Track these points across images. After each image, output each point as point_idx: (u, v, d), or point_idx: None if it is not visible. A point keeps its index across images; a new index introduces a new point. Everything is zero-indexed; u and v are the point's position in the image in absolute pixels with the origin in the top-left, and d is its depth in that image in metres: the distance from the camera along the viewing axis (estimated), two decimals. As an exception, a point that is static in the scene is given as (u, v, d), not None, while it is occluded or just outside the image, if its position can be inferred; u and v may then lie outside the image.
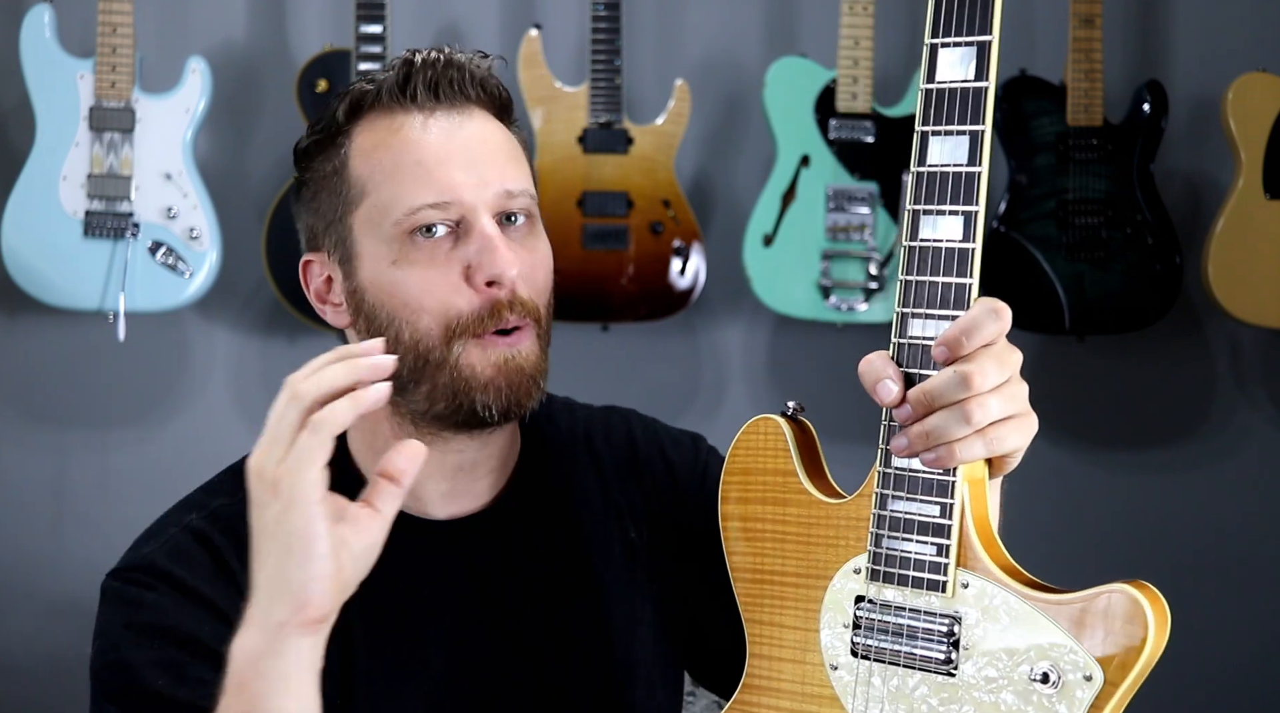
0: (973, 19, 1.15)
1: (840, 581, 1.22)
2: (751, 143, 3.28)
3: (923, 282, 1.16)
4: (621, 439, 1.51)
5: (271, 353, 3.29)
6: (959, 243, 1.14)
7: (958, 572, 1.16)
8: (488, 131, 1.35)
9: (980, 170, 1.14)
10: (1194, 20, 3.34)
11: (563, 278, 3.27)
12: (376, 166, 1.32)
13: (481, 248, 1.30)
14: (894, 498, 1.18)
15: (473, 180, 1.31)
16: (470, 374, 1.30)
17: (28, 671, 3.25)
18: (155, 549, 1.34)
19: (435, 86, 1.33)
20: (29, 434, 3.30)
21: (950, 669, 1.16)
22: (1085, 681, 1.11)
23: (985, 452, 1.14)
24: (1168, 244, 3.12)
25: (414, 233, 1.30)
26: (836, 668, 1.22)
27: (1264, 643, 3.37)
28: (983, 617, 1.15)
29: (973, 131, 1.14)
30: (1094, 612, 1.11)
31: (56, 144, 2.99)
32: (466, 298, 1.30)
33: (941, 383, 1.13)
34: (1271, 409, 3.40)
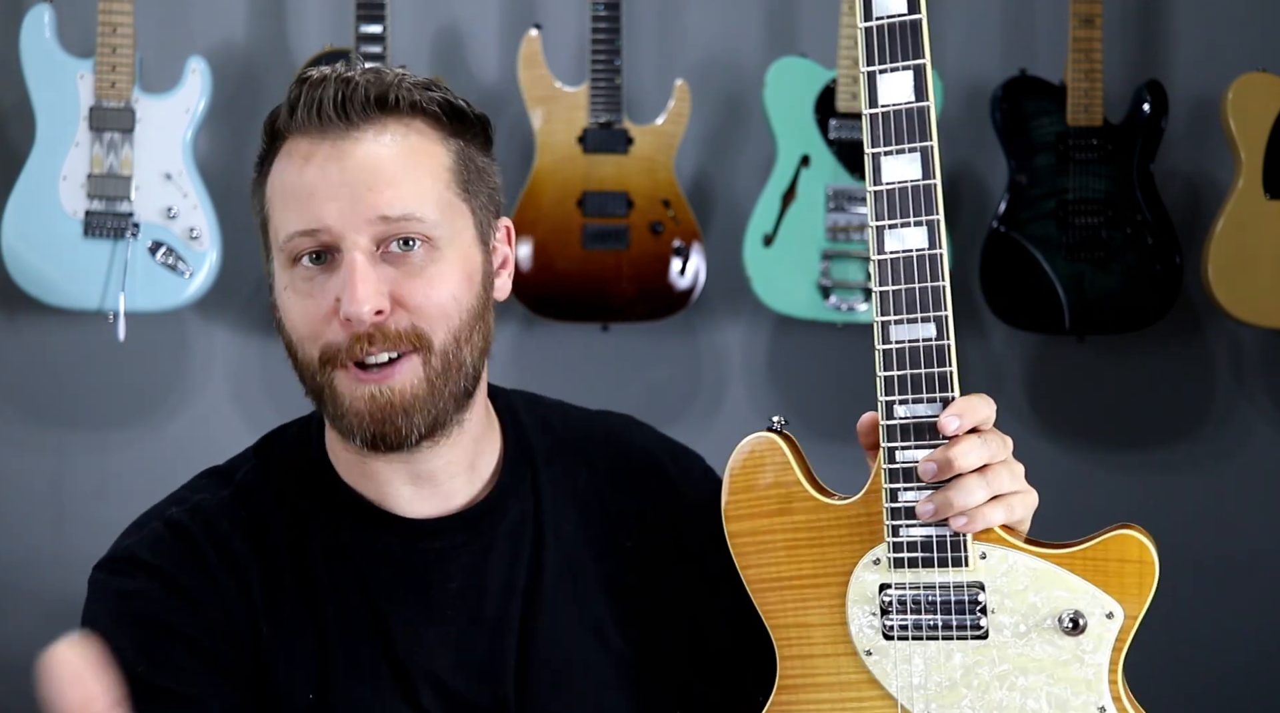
0: (905, 46, 1.23)
1: (861, 573, 1.29)
2: (751, 143, 3.28)
3: (898, 290, 1.25)
4: (618, 445, 1.50)
5: (271, 353, 3.29)
6: (926, 250, 1.25)
7: (974, 545, 1.25)
8: (380, 155, 1.30)
9: (934, 182, 1.25)
10: (1194, 20, 3.34)
11: (563, 278, 3.29)
12: (274, 192, 1.34)
13: (341, 282, 1.29)
14: (904, 490, 1.26)
15: (343, 208, 1.29)
16: (342, 403, 1.31)
17: (28, 671, 3.24)
18: (136, 541, 1.37)
19: (317, 109, 1.30)
20: (29, 434, 3.30)
21: (981, 633, 1.25)
22: (1108, 618, 1.23)
23: (1005, 516, 1.26)
24: (1168, 244, 3.12)
25: (295, 261, 1.31)
26: (871, 654, 1.28)
27: (1264, 643, 3.37)
28: (1004, 580, 1.25)
29: (923, 147, 1.25)
30: (1106, 556, 1.23)
31: (56, 144, 2.99)
32: (334, 330, 1.30)
33: (959, 450, 1.24)
34: (1271, 409, 3.40)
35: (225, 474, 1.43)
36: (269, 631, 1.35)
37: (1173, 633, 3.38)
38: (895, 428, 1.26)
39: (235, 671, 1.33)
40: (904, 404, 1.26)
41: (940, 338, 1.24)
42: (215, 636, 1.33)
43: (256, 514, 1.38)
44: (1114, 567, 1.23)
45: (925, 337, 1.25)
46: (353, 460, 1.39)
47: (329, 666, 1.35)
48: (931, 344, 1.25)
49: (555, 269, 3.11)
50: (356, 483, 1.39)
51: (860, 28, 1.23)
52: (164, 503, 1.41)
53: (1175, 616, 3.43)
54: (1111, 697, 1.23)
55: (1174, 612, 3.46)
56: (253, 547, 1.36)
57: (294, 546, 1.37)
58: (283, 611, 1.35)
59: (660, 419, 1.62)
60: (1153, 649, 3.60)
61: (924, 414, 1.25)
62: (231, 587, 1.34)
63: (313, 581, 1.36)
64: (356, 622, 1.36)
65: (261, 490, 1.40)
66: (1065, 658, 1.23)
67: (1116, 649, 1.23)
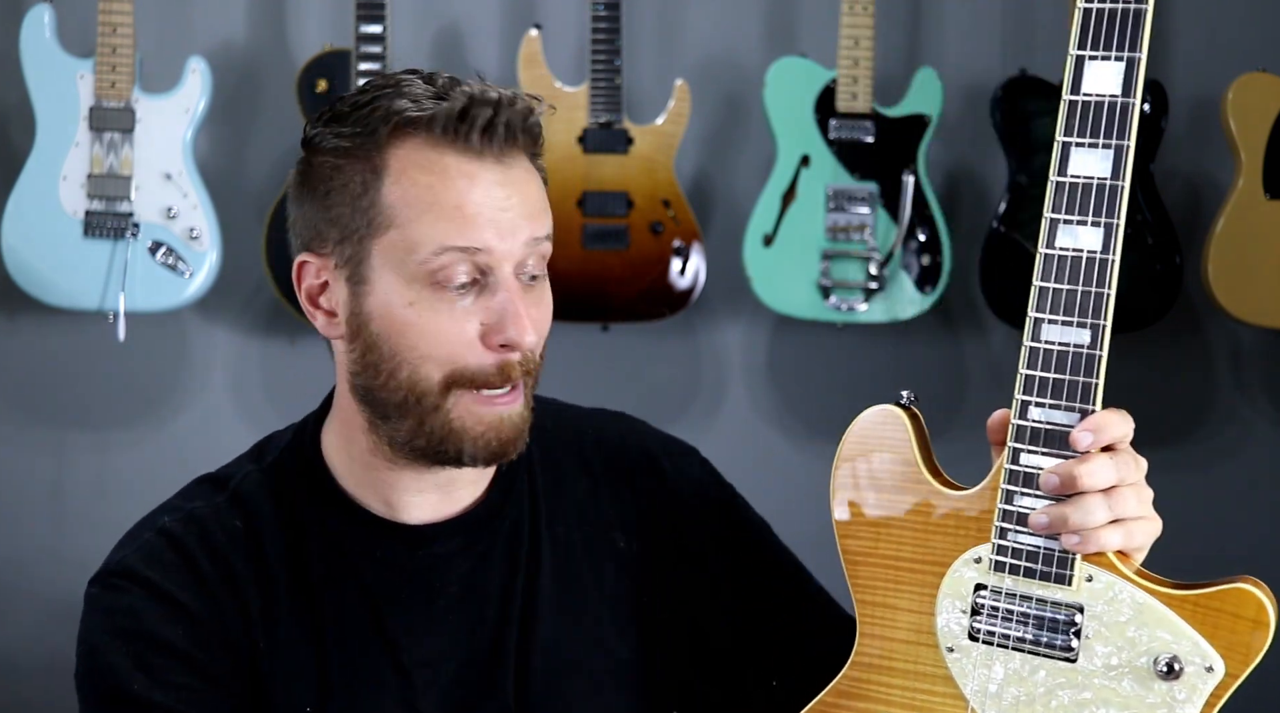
0: (1124, 36, 1.18)
1: (960, 568, 1.25)
2: (751, 143, 3.28)
3: (1059, 289, 1.22)
4: (612, 444, 1.49)
5: (271, 353, 3.29)
6: (1098, 253, 1.23)
7: (1082, 566, 1.20)
8: (527, 182, 1.32)
9: (1122, 184, 1.19)
10: (1194, 20, 3.34)
11: (563, 278, 3.31)
12: (413, 200, 1.28)
13: (504, 310, 1.28)
14: (1021, 494, 1.21)
15: (505, 232, 1.29)
16: (462, 426, 1.30)
17: (27, 671, 3.25)
18: (130, 554, 1.35)
19: (490, 131, 1.29)
20: (29, 434, 3.30)
21: (1071, 657, 1.20)
22: (1207, 672, 1.18)
23: (1122, 542, 1.21)
24: (1168, 244, 3.12)
25: (437, 280, 1.28)
26: (953, 651, 1.25)
27: (1264, 643, 3.36)
28: (1106, 608, 1.19)
29: (1118, 145, 1.18)
30: (1218, 608, 1.18)
31: (56, 144, 2.99)
32: (477, 355, 1.29)
33: (1088, 469, 1.19)
34: (1271, 409, 3.40)
35: (220, 481, 1.41)
36: (266, 640, 1.34)
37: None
38: (1026, 430, 1.22)
39: (231, 684, 1.32)
40: (1040, 407, 1.21)
41: (1093, 347, 1.22)
42: (211, 649, 1.32)
43: (252, 522, 1.37)
44: (1226, 620, 1.18)
45: (1078, 342, 1.22)
46: (362, 468, 1.37)
47: (328, 673, 1.34)
48: (1083, 351, 1.22)
49: (555, 269, 3.06)
50: (356, 489, 1.38)
51: (1079, 6, 1.18)
52: (158, 511, 1.39)
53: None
54: None
55: (1174, 612, 3.46)
56: (248, 556, 1.35)
57: (291, 552, 1.36)
58: (280, 619, 1.34)
59: (660, 419, 1.61)
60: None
61: (1059, 421, 1.20)
62: (227, 598, 1.33)
63: (311, 587, 1.36)
64: (356, 627, 1.35)
65: (257, 497, 1.38)
66: (1153, 702, 1.18)
67: (1209, 706, 1.18)
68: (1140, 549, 1.24)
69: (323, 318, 1.35)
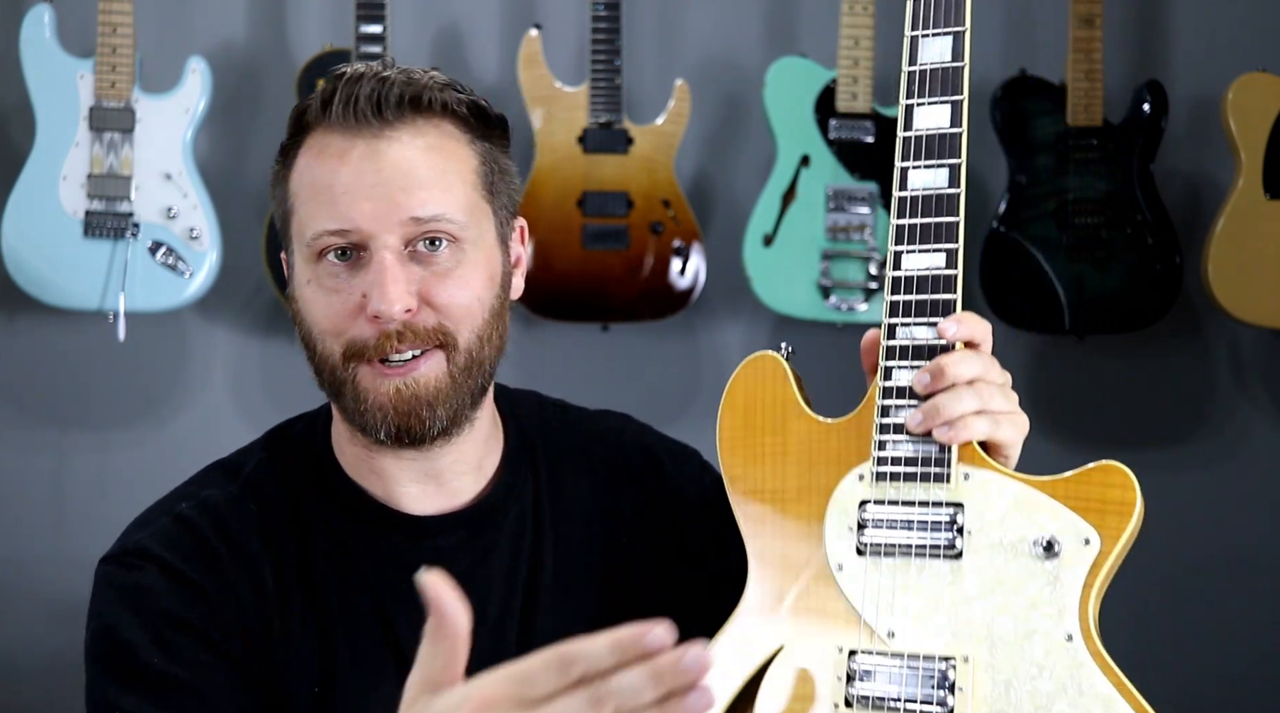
0: (949, 13, 1.30)
1: (843, 489, 1.29)
2: (751, 143, 3.28)
3: (914, 224, 1.30)
4: (615, 443, 1.51)
5: (271, 353, 3.29)
6: (946, 189, 1.29)
7: (959, 466, 1.25)
8: (411, 157, 1.32)
9: (960, 132, 1.29)
10: (1194, 20, 3.34)
11: (563, 278, 3.30)
12: (301, 186, 1.35)
13: (372, 282, 1.30)
14: (896, 408, 1.28)
15: (376, 209, 1.30)
16: (365, 397, 1.33)
17: (28, 671, 3.25)
18: (146, 535, 1.37)
19: (354, 106, 1.32)
20: (29, 434, 3.30)
21: (955, 553, 1.24)
22: (1084, 544, 1.21)
23: (990, 430, 1.26)
24: (1168, 244, 3.12)
25: (321, 256, 1.32)
26: (842, 569, 1.27)
27: (1264, 643, 3.37)
28: (985, 502, 1.24)
29: (954, 101, 1.30)
30: (1087, 486, 1.22)
31: (56, 144, 2.99)
32: (360, 327, 1.32)
33: (952, 360, 1.27)
34: (1271, 409, 3.40)
35: (233, 469, 1.44)
36: (276, 625, 1.36)
37: (1173, 632, 3.38)
38: (895, 349, 1.29)
39: (244, 665, 1.34)
40: (905, 327, 1.29)
41: (949, 267, 1.28)
42: (225, 630, 1.34)
43: (264, 510, 1.40)
44: (1096, 494, 1.21)
45: (934, 265, 1.29)
46: (360, 457, 1.40)
47: (333, 659, 1.37)
48: (940, 273, 1.29)
49: (555, 269, 3.11)
50: (362, 480, 1.41)
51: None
52: (171, 497, 1.42)
53: (1175, 615, 3.43)
54: (1080, 628, 1.19)
55: (1174, 611, 3.46)
56: (261, 543, 1.38)
57: (300, 541, 1.39)
58: (288, 605, 1.37)
59: (660, 419, 1.62)
60: (1153, 648, 3.62)
61: (923, 337, 1.28)
62: (241, 582, 1.36)
63: (318, 576, 1.38)
64: (360, 616, 1.38)
65: (269, 486, 1.41)
66: (1038, 583, 1.21)
67: (1090, 578, 1.20)
68: (1010, 447, 1.28)
69: (291, 310, 1.41)
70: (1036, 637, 1.19)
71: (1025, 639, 1.19)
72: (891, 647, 1.22)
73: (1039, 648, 1.19)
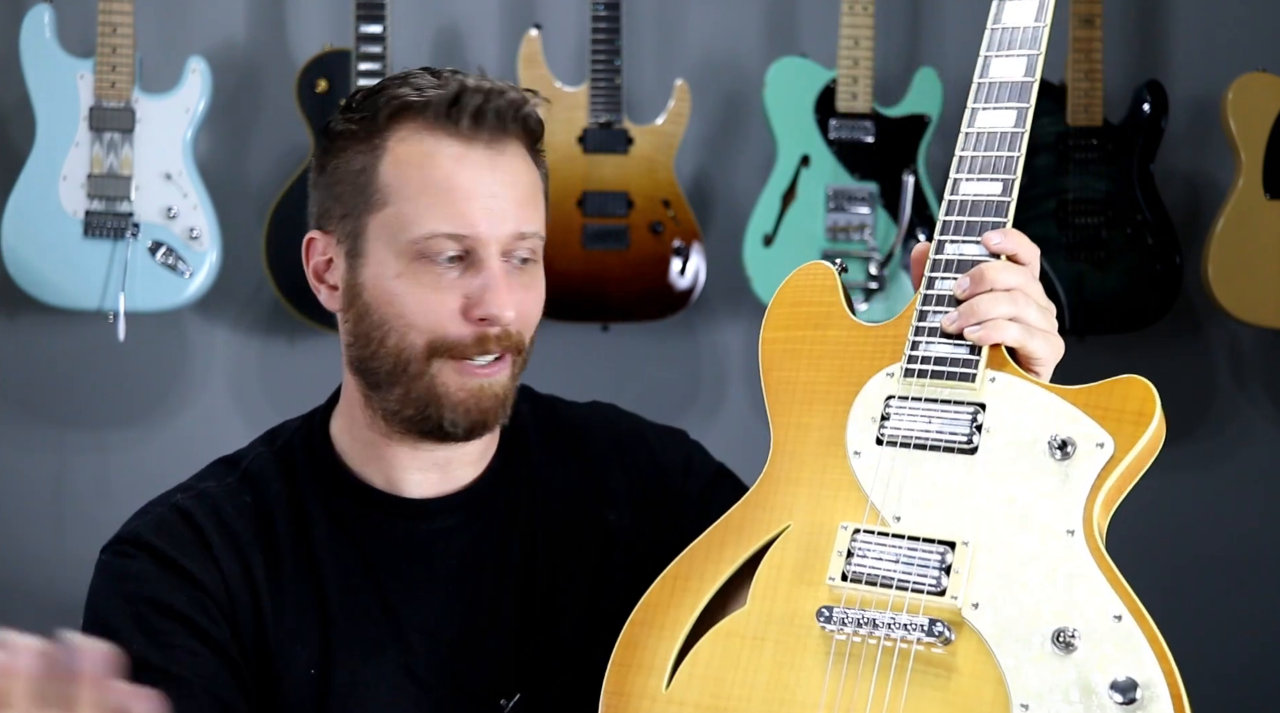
0: None
1: (873, 383, 1.31)
2: (751, 143, 3.28)
3: (976, 156, 1.34)
4: (602, 429, 1.56)
5: (271, 353, 3.29)
6: (1011, 128, 1.34)
7: (987, 370, 1.27)
8: (518, 170, 1.39)
9: (1033, 81, 1.37)
10: (1194, 20, 3.34)
11: (563, 278, 3.29)
12: (406, 181, 1.37)
13: (485, 286, 1.36)
14: (934, 313, 1.30)
15: (492, 218, 1.36)
16: (443, 392, 1.37)
17: (28, 671, 3.25)
18: (141, 524, 1.41)
19: (481, 116, 1.36)
20: (29, 434, 3.30)
21: (971, 449, 1.25)
22: (1098, 447, 1.22)
23: (1021, 339, 1.27)
24: (1168, 244, 3.12)
25: (424, 255, 1.36)
26: (859, 454, 1.29)
27: (1264, 643, 3.37)
28: (1006, 404, 1.25)
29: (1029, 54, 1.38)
30: (1110, 395, 1.23)
31: (56, 144, 2.99)
32: (458, 326, 1.36)
33: (994, 266, 1.29)
34: (1271, 409, 3.40)
35: (232, 463, 1.48)
36: (272, 610, 1.39)
37: (1172, 632, 3.38)
38: (941, 262, 1.31)
39: (230, 650, 1.37)
40: (954, 244, 1.32)
41: (1004, 195, 1.31)
42: (213, 616, 1.37)
43: (261, 498, 1.43)
44: (1116, 404, 1.23)
45: (990, 193, 1.32)
46: (365, 446, 1.44)
47: (331, 642, 1.40)
48: (995, 199, 1.32)
49: (555, 269, 3.06)
50: (362, 467, 1.45)
51: None
52: (172, 490, 1.46)
53: (1175, 615, 3.42)
54: (1083, 526, 1.20)
55: (1174, 611, 3.46)
56: (256, 529, 1.42)
57: (299, 527, 1.43)
58: (285, 586, 1.40)
59: (660, 419, 1.63)
60: (1153, 649, 3.57)
61: (971, 253, 1.31)
62: (233, 568, 1.39)
63: (315, 558, 1.41)
64: (358, 596, 1.41)
65: (267, 475, 1.45)
66: (1048, 480, 1.22)
67: (1099, 481, 1.22)
68: (1041, 363, 1.29)
69: (325, 291, 1.44)
70: (1037, 528, 1.20)
71: (1025, 529, 1.21)
72: (894, 529, 1.24)
73: (1037, 539, 1.20)
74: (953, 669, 1.18)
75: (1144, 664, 1.14)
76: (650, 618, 1.31)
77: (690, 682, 1.26)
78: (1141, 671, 1.13)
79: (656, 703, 1.26)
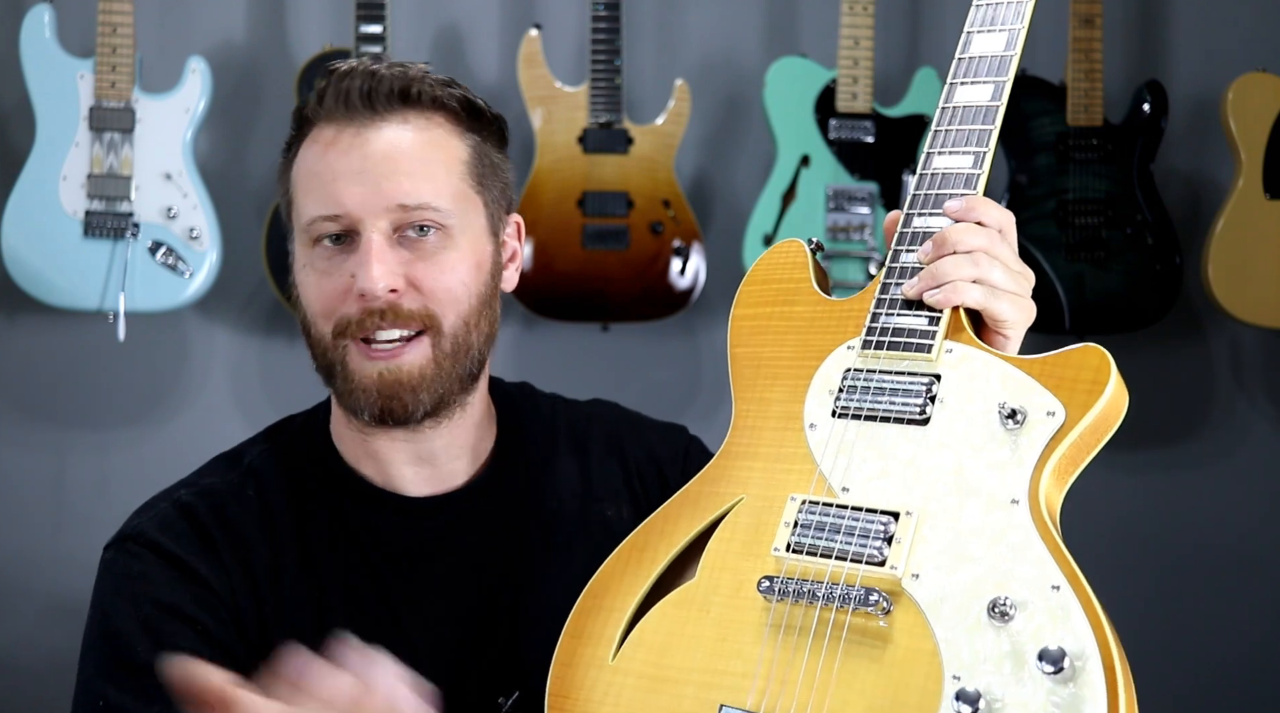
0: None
1: (833, 357, 1.31)
2: (751, 143, 3.28)
3: (950, 130, 1.33)
4: (601, 425, 1.57)
5: (271, 353, 3.29)
6: (988, 103, 1.33)
7: (944, 341, 1.26)
8: (400, 144, 1.38)
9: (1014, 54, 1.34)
10: (1194, 20, 3.35)
11: (563, 278, 3.28)
12: (300, 176, 1.41)
13: (358, 261, 1.36)
14: (896, 284, 1.30)
15: (364, 194, 1.36)
16: (353, 378, 1.38)
17: (27, 670, 3.25)
18: (145, 521, 1.42)
19: (346, 97, 1.38)
20: (29, 434, 3.30)
21: (924, 419, 1.23)
22: (1048, 416, 1.19)
23: (983, 301, 1.25)
24: (1168, 244, 3.12)
25: (316, 242, 1.38)
26: (814, 427, 1.28)
27: (1264, 643, 3.37)
28: (961, 374, 1.24)
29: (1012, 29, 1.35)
30: (1065, 364, 1.21)
31: (56, 144, 2.99)
32: (349, 305, 1.37)
33: (956, 229, 1.27)
34: (1271, 409, 3.40)
35: (235, 458, 1.49)
36: (274, 600, 1.39)
37: (1172, 632, 3.38)
38: (907, 235, 1.31)
39: (235, 648, 1.37)
40: (921, 217, 1.31)
41: (975, 167, 1.31)
42: (218, 613, 1.37)
43: (263, 495, 1.44)
44: (1071, 373, 1.20)
45: (960, 166, 1.31)
46: (357, 442, 1.45)
47: (332, 634, 1.38)
48: (964, 172, 1.31)
49: (555, 269, 3.11)
50: (360, 464, 1.45)
51: None
52: (175, 486, 1.46)
53: (1175, 615, 3.43)
54: (1029, 495, 1.17)
55: (1174, 611, 3.46)
56: (259, 527, 1.42)
57: (299, 525, 1.43)
58: (287, 582, 1.41)
59: (659, 419, 1.63)
60: (1152, 647, 3.61)
61: (939, 226, 1.30)
62: (236, 566, 1.39)
63: (316, 555, 1.42)
64: (358, 593, 1.42)
65: (269, 472, 1.46)
66: (997, 450, 1.20)
67: (1049, 450, 1.18)
68: (1008, 326, 1.27)
69: (294, 302, 1.47)
70: (983, 498, 1.18)
71: (970, 500, 1.18)
72: (841, 499, 1.23)
73: (981, 509, 1.18)
74: (889, 641, 1.16)
75: (1078, 635, 1.09)
76: (604, 589, 1.31)
77: (636, 652, 1.26)
78: (1075, 641, 1.09)
79: (603, 672, 1.26)
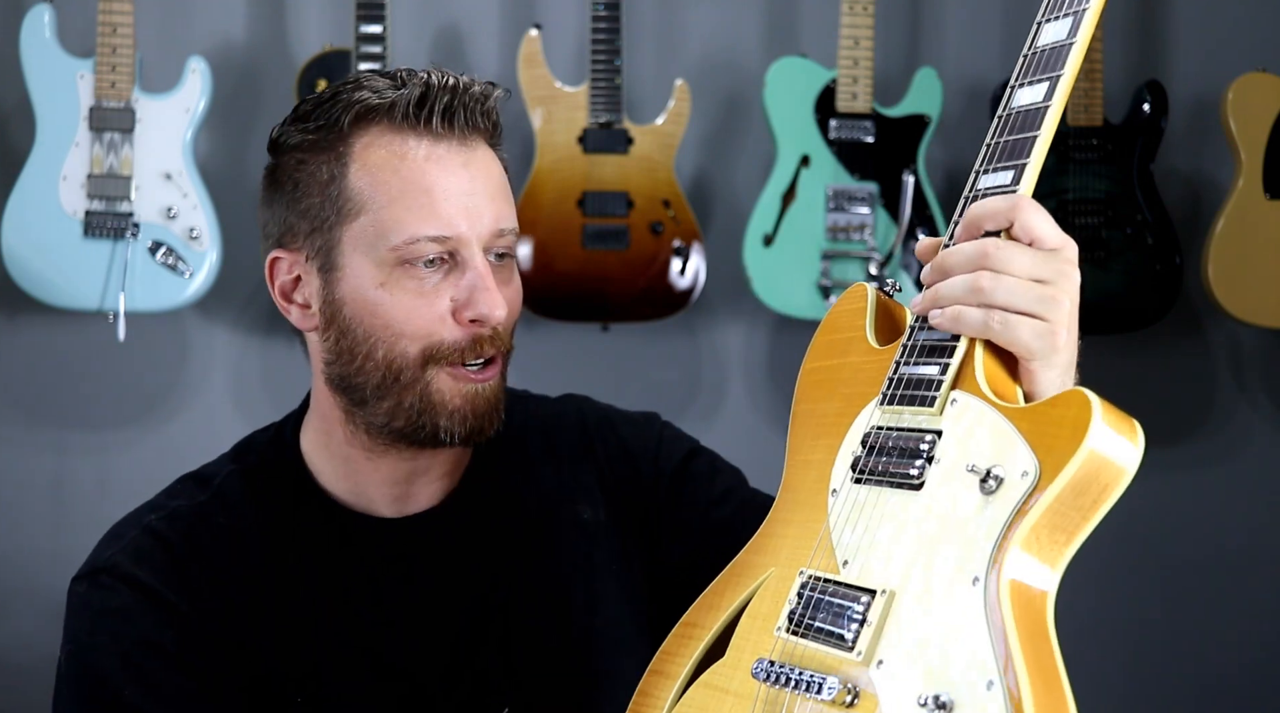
0: None
1: (863, 414, 1.21)
2: (751, 143, 3.28)
3: (997, 142, 1.20)
4: (572, 423, 1.53)
5: (271, 353, 3.29)
6: (1039, 104, 1.20)
7: (951, 392, 1.13)
8: (489, 167, 1.36)
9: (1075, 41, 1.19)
10: (1194, 20, 3.35)
11: (563, 278, 3.29)
12: (380, 187, 1.32)
13: (474, 286, 1.32)
14: (919, 329, 1.18)
15: (471, 216, 1.32)
16: (440, 400, 1.34)
17: (27, 671, 3.25)
18: (117, 551, 1.36)
19: (450, 115, 1.33)
20: (29, 434, 3.30)
21: (917, 485, 1.13)
22: (1021, 477, 1.06)
23: (982, 327, 1.11)
24: (1168, 244, 3.12)
25: (406, 260, 1.32)
26: (835, 493, 1.20)
27: (1264, 643, 3.37)
28: (959, 430, 1.12)
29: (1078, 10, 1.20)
30: (1048, 413, 1.08)
31: (56, 144, 2.99)
32: (450, 329, 1.33)
33: (957, 251, 1.13)
34: (1271, 409, 3.40)
35: (203, 480, 1.43)
36: (255, 634, 1.35)
37: (1172, 632, 3.38)
38: None
39: (221, 683, 1.34)
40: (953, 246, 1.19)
41: (1013, 184, 1.15)
42: (200, 649, 1.33)
43: (235, 520, 1.39)
44: (1053, 423, 1.06)
45: (1000, 183, 1.17)
46: (340, 462, 1.40)
47: (314, 666, 1.36)
48: (1005, 190, 1.16)
49: (555, 269, 3.11)
50: (333, 485, 1.41)
51: None
52: (142, 510, 1.41)
53: (1175, 614, 3.43)
54: (989, 573, 1.05)
55: (1174, 611, 3.46)
56: (233, 554, 1.37)
57: (273, 550, 1.38)
58: (267, 614, 1.36)
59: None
60: (1153, 647, 3.62)
61: None
62: (214, 598, 1.35)
63: (294, 583, 1.38)
64: (339, 619, 1.38)
65: (239, 495, 1.41)
66: (976, 519, 1.07)
67: (1017, 516, 1.05)
68: (1034, 358, 1.11)
69: (296, 312, 1.40)
70: (948, 576, 1.07)
71: (937, 577, 1.08)
72: (838, 576, 1.15)
73: (945, 588, 1.07)
74: None
75: None
76: (662, 667, 1.28)
77: None
78: None
79: None
